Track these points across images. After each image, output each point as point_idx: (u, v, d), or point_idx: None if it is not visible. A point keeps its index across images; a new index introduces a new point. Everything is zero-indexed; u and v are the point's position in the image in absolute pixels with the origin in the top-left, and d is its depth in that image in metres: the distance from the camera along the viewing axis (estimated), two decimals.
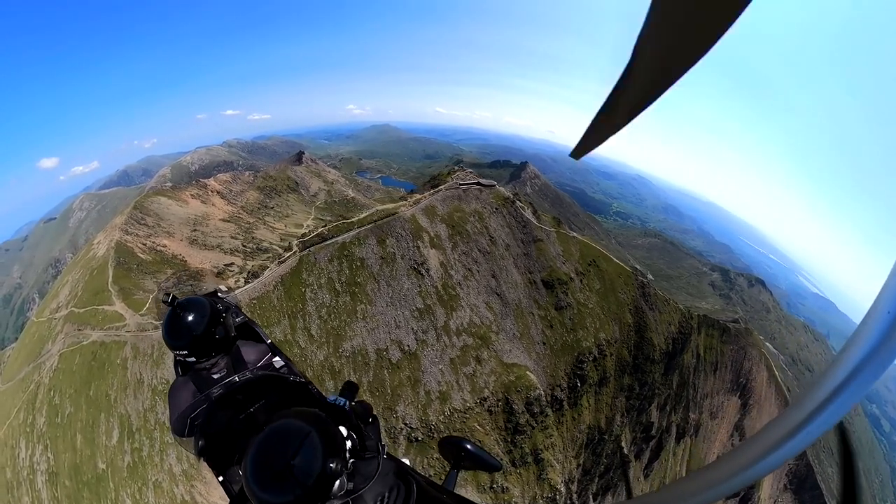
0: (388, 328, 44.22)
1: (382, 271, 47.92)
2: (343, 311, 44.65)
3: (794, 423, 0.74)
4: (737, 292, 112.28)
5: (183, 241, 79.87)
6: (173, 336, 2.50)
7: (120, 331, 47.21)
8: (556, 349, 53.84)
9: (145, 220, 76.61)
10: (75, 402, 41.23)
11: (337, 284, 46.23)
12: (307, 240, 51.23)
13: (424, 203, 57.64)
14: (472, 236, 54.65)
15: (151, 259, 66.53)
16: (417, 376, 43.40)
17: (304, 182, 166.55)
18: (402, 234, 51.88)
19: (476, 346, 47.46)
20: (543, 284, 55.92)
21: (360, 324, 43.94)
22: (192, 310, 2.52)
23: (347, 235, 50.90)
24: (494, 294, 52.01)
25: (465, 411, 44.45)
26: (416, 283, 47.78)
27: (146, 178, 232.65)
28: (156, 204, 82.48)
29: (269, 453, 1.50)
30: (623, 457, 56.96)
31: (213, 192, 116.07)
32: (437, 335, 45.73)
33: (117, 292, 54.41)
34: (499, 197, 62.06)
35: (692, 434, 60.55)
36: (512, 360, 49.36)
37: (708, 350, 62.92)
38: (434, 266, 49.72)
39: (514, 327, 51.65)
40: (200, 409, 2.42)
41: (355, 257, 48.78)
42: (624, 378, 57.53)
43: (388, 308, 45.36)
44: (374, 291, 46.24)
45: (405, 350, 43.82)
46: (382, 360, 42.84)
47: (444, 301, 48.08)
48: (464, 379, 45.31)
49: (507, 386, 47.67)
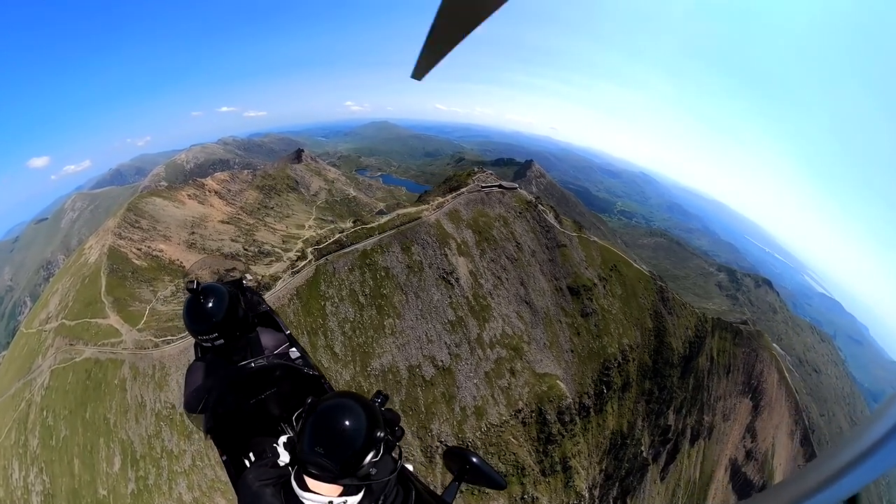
0: (419, 343, 41.14)
1: (410, 281, 44.55)
2: (369, 326, 41.00)
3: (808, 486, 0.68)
4: (743, 293, 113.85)
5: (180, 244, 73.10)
6: (194, 321, 2.48)
7: (116, 348, 42.38)
8: (584, 356, 52.39)
9: (139, 222, 69.48)
10: (71, 424, 37.54)
11: (360, 297, 42.39)
12: (323, 247, 46.96)
13: (448, 207, 54.30)
14: (499, 242, 51.97)
15: (147, 265, 60.40)
16: (452, 392, 40.72)
17: (305, 181, 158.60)
18: (428, 240, 48.51)
19: (510, 357, 45.16)
20: (569, 291, 54.09)
21: (388, 340, 40.53)
22: (213, 296, 2.49)
23: (368, 242, 46.91)
24: (524, 303, 49.75)
25: (500, 425, 42.25)
26: (447, 294, 44.76)
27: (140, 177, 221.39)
28: (150, 205, 75.06)
29: (328, 417, 1.71)
30: (643, 460, 56.77)
31: (210, 192, 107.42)
32: (471, 348, 43.07)
33: (111, 304, 48.87)
34: (521, 200, 59.52)
35: (706, 436, 60.99)
36: (544, 370, 47.48)
37: (721, 353, 63.23)
38: (464, 275, 46.80)
39: (544, 336, 49.70)
40: (214, 389, 2.42)
41: (379, 266, 45.03)
42: (645, 383, 56.95)
43: (418, 321, 42.19)
44: (403, 304, 42.85)
45: (439, 365, 40.98)
46: (415, 377, 39.88)
47: (476, 312, 45.35)
48: (499, 392, 43.02)
49: (539, 397, 45.79)
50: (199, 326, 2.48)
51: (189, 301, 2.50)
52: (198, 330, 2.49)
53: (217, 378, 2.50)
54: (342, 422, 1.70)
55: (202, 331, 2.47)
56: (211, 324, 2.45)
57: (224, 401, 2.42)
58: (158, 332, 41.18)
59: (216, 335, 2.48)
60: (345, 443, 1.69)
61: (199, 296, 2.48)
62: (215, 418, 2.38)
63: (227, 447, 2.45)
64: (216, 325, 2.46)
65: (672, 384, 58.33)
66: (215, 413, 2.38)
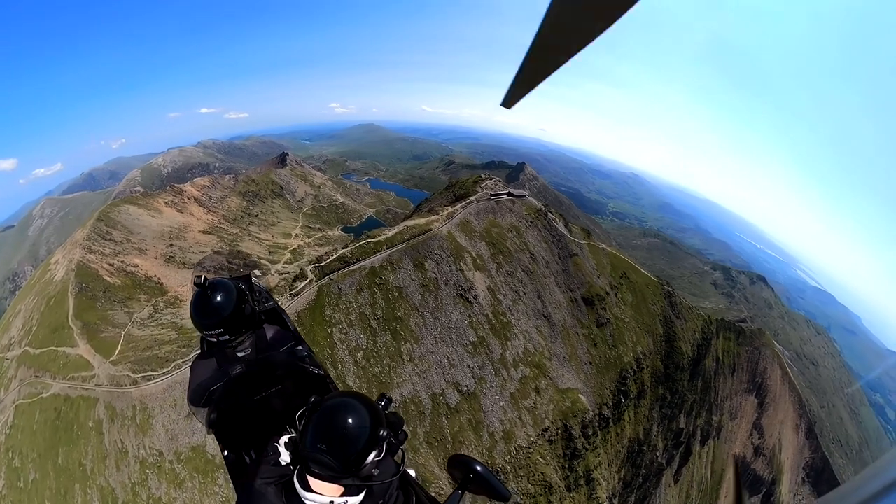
0: (441, 368, 37.84)
1: (426, 301, 41.08)
2: (385, 353, 36.97)
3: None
4: (739, 290, 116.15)
5: (157, 258, 65.57)
6: (201, 315, 2.45)
7: (88, 383, 36.85)
8: (601, 367, 50.87)
9: (111, 234, 61.58)
10: (41, 468, 32.90)
11: (372, 321, 38.20)
12: (325, 265, 42.52)
13: (458, 217, 51.13)
14: (514, 254, 49.39)
15: (120, 283, 53.51)
16: (479, 418, 37.75)
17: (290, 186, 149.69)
18: (442, 255, 45.21)
19: (533, 376, 42.67)
20: (584, 301, 52.46)
21: (407, 367, 36.84)
22: (220, 291, 2.47)
23: (376, 259, 42.91)
24: (542, 317, 47.47)
25: (528, 447, 39.75)
26: (466, 313, 41.67)
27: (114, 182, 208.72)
28: (124, 214, 66.95)
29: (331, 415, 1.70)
30: (659, 466, 56.32)
31: (189, 199, 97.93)
32: (495, 369, 40.23)
33: (80, 329, 42.68)
34: (531, 209, 57.27)
35: (715, 436, 61.40)
36: (566, 385, 45.38)
37: (726, 353, 63.73)
38: (482, 291, 43.86)
39: (564, 350, 47.66)
40: (218, 384, 2.41)
41: (390, 286, 41.17)
42: (658, 389, 56.34)
43: (438, 345, 38.84)
44: (420, 326, 39.25)
45: (463, 391, 37.88)
46: (439, 405, 36.63)
47: (497, 330, 42.54)
48: (525, 413, 40.45)
49: (564, 413, 43.64)
50: (206, 321, 2.43)
51: (196, 295, 2.44)
52: (205, 324, 2.44)
53: (222, 373, 2.45)
54: (345, 419, 1.68)
55: (209, 325, 2.42)
56: (218, 319, 2.40)
57: (228, 396, 2.37)
58: (136, 366, 35.90)
59: (223, 330, 2.42)
60: (347, 440, 1.66)
61: (206, 290, 2.42)
62: (218, 413, 2.34)
63: (228, 443, 2.42)
64: (223, 321, 2.41)
65: (683, 388, 58.11)
66: (219, 408, 2.34)
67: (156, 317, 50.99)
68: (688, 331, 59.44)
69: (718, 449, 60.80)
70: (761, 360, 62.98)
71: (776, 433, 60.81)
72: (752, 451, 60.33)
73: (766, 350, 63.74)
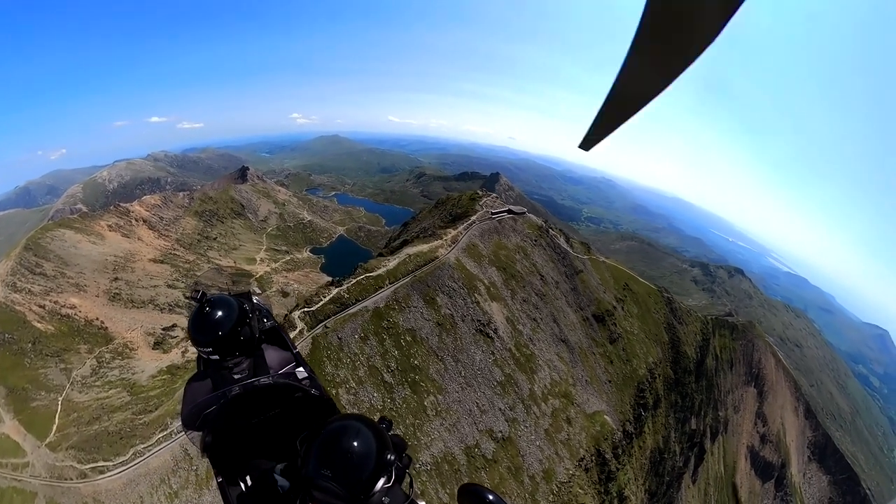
0: (471, 417, 34.87)
1: (444, 343, 37.93)
2: (406, 410, 32.38)
3: None
4: (719, 284, 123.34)
5: (100, 296, 54.94)
6: (199, 332, 2.41)
7: (21, 472, 29.98)
8: (619, 384, 50.58)
9: (42, 266, 51.13)
10: None
11: (386, 374, 33.24)
12: (317, 309, 37.46)
13: (463, 241, 48.91)
14: (525, 278, 47.93)
15: (55, 330, 44.65)
16: (517, 463, 35.12)
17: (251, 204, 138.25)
18: (454, 286, 42.40)
19: (563, 406, 40.88)
20: (595, 319, 52.21)
21: (434, 423, 33.03)
22: (220, 308, 2.44)
23: (379, 297, 38.40)
24: (560, 342, 46.21)
25: (568, 481, 37.88)
26: (488, 351, 39.18)
27: (52, 198, 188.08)
28: (58, 241, 56.05)
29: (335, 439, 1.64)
30: (679, 470, 57.16)
31: (137, 221, 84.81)
32: (526, 407, 37.96)
33: (4, 399, 35.00)
34: (532, 226, 56.47)
35: (723, 431, 63.80)
36: (592, 409, 44.18)
37: (723, 349, 66.64)
38: (501, 323, 41.71)
39: (584, 373, 46.67)
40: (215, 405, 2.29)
41: (401, 329, 37.07)
42: (672, 395, 57.48)
43: (465, 391, 35.85)
44: (441, 373, 35.76)
45: (498, 437, 35.19)
46: (475, 458, 33.65)
47: (522, 364, 40.46)
48: (561, 447, 38.42)
49: (595, 438, 42.26)
50: (204, 338, 2.39)
51: (195, 311, 2.42)
52: (202, 342, 2.40)
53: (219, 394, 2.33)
54: (350, 443, 1.61)
55: (207, 343, 2.38)
56: (217, 336, 2.37)
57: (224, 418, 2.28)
58: (83, 453, 29.09)
59: (222, 348, 2.38)
60: (354, 465, 1.58)
61: (204, 306, 2.40)
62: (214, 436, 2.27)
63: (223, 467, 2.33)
64: (222, 338, 2.38)
65: (692, 390, 59.72)
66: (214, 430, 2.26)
67: (101, 373, 42.68)
68: (689, 334, 61.46)
69: (728, 443, 63.07)
70: (755, 352, 66.62)
71: (778, 418, 64.18)
72: (759, 439, 63.16)
73: (759, 341, 67.60)
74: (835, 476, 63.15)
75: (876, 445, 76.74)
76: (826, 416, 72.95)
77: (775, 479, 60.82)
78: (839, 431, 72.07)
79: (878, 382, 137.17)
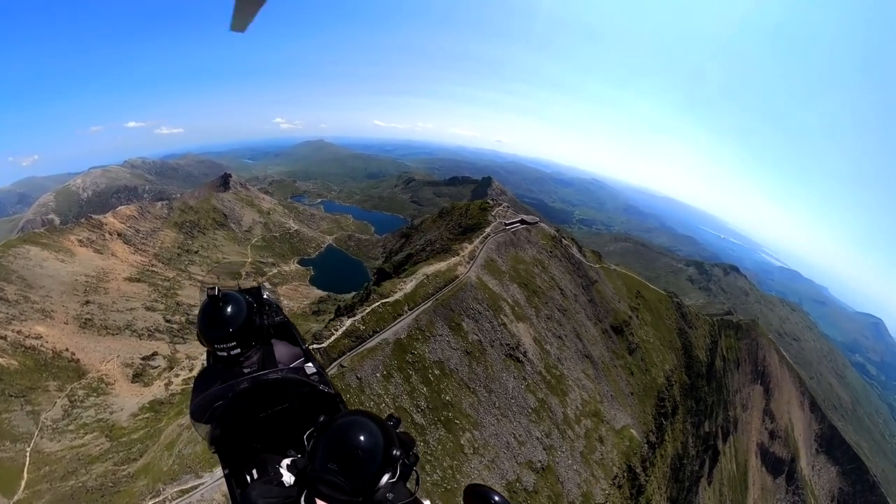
0: (510, 451, 33.68)
1: (475, 373, 36.38)
2: (442, 453, 30.05)
3: None
4: (715, 282, 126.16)
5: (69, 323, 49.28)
6: (210, 327, 2.44)
7: None
8: (641, 395, 50.80)
9: (4, 290, 46.04)
10: None
11: (416, 415, 30.29)
12: (329, 345, 34.55)
13: (482, 257, 47.72)
14: (547, 293, 47.15)
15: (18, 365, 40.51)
16: (558, 490, 34.16)
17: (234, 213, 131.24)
18: (479, 308, 40.93)
19: (595, 426, 40.37)
20: (613, 331, 52.37)
21: (473, 462, 31.35)
22: (231, 303, 2.46)
23: (399, 326, 35.69)
24: (585, 358, 45.81)
25: (605, 501, 37.64)
26: (520, 376, 38.09)
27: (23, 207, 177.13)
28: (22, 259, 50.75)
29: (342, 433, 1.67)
30: (697, 474, 58.27)
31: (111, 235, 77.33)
32: (561, 432, 37.13)
33: None
34: (546, 236, 55.84)
35: (733, 430, 65.63)
36: (620, 425, 43.99)
37: (729, 350, 68.37)
38: (529, 345, 40.72)
39: (609, 388, 46.51)
40: (223, 399, 2.33)
41: (427, 361, 34.65)
42: (688, 400, 58.54)
43: (501, 424, 34.51)
44: (475, 407, 34.03)
45: (537, 468, 34.18)
46: (517, 493, 32.41)
47: (553, 387, 39.63)
48: (596, 467, 37.83)
49: (626, 454, 42.02)
50: (215, 333, 2.43)
51: (206, 306, 2.43)
52: (213, 337, 2.43)
53: (227, 387, 2.38)
54: (357, 437, 1.65)
55: (218, 338, 2.41)
56: (227, 331, 2.40)
57: (233, 412, 2.32)
58: None
59: (233, 343, 2.42)
60: (360, 459, 1.62)
61: (217, 301, 2.42)
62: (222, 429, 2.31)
63: (230, 460, 2.39)
64: (233, 333, 2.41)
65: (704, 393, 61.12)
66: (222, 423, 2.31)
67: (74, 414, 38.28)
68: (699, 337, 62.68)
69: (738, 442, 64.85)
70: (759, 350, 68.81)
71: (785, 414, 66.46)
72: (768, 436, 65.21)
73: (762, 339, 69.85)
74: (843, 466, 66.05)
75: (878, 433, 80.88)
76: (828, 407, 76.25)
77: (786, 474, 63.00)
78: (841, 421, 75.56)
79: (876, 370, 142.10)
